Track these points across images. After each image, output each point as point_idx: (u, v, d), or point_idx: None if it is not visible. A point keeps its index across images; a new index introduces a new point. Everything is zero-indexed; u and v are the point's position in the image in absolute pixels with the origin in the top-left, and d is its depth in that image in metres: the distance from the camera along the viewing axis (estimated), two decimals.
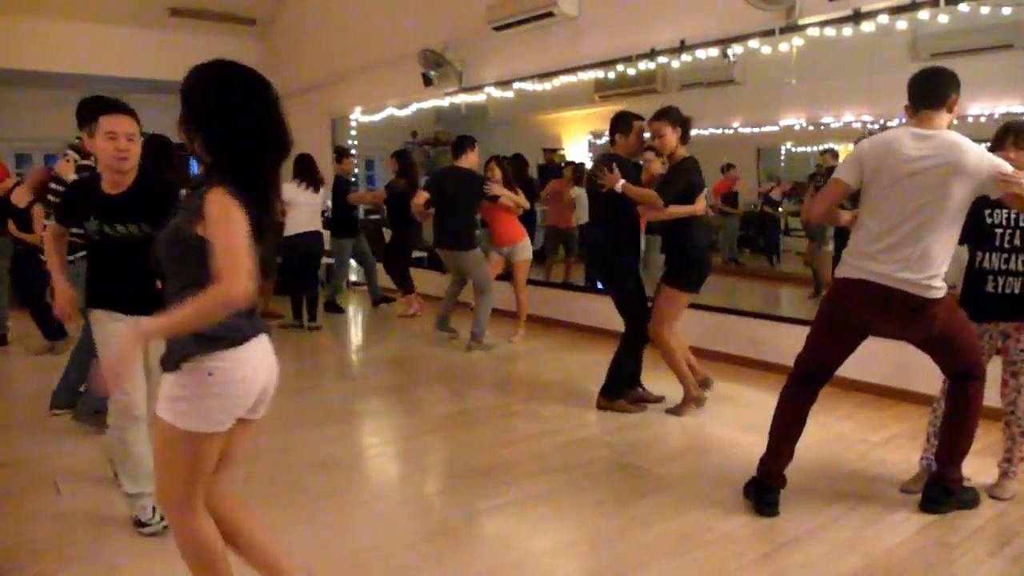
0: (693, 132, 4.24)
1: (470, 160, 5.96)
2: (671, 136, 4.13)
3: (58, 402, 4.33)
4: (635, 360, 4.52)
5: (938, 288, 2.83)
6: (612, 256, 4.40)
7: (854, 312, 2.96)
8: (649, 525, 2.99)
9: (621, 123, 4.35)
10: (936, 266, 2.82)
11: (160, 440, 1.92)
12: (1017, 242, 3.05)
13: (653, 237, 5.77)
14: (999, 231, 3.08)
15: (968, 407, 3.02)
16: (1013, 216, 3.05)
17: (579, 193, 7.15)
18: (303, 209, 6.62)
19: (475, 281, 6.00)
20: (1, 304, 6.27)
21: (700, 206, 4.18)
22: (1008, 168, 2.73)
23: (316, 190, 6.78)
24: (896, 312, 2.87)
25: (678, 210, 4.11)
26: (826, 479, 3.43)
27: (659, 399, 4.57)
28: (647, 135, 4.35)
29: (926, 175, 2.77)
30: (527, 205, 6.34)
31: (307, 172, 6.71)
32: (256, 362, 1.91)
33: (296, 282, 7.00)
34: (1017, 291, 3.07)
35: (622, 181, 4.11)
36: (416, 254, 8.19)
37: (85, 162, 4.50)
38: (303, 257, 6.86)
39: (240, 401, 1.89)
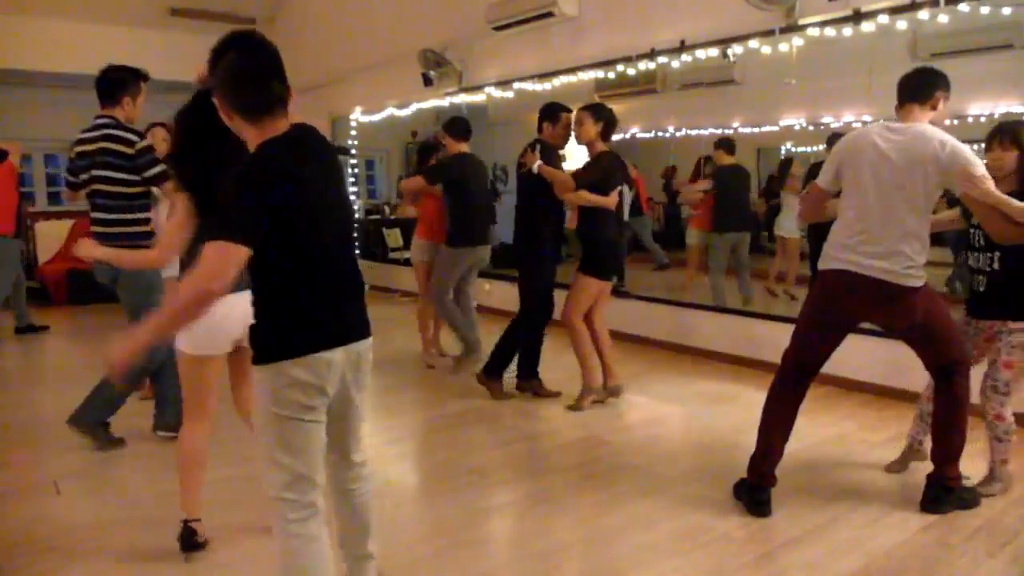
0: (693, 132, 4.26)
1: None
2: (590, 127, 4.32)
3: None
4: (529, 347, 4.70)
5: (917, 277, 2.85)
6: (526, 241, 4.56)
7: (836, 302, 2.98)
8: (649, 525, 2.99)
9: (550, 113, 4.57)
10: (911, 255, 2.83)
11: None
12: (983, 241, 3.07)
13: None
14: (972, 231, 3.12)
15: (957, 403, 3.03)
16: None
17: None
18: None
19: None
20: (20, 297, 6.84)
21: (611, 200, 4.34)
22: (978, 170, 2.72)
23: None
24: (875, 300, 2.89)
25: (587, 197, 4.29)
26: (826, 479, 3.44)
27: (555, 394, 4.71)
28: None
29: (895, 166, 2.81)
30: None
31: None
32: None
33: None
34: (982, 289, 3.10)
35: (539, 162, 4.33)
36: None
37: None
38: None
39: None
